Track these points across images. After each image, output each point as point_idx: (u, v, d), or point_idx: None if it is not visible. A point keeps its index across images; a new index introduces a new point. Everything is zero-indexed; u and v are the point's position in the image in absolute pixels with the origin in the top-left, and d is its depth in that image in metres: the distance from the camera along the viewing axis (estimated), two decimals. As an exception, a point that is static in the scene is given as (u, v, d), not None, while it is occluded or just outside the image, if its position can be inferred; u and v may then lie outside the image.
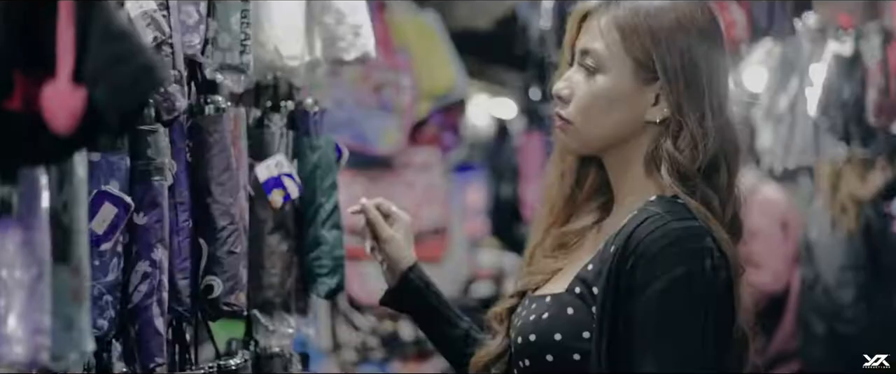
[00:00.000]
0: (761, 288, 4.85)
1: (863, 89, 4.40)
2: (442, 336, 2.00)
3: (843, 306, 4.60)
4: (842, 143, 4.56)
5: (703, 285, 1.64)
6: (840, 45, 4.45)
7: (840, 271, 4.61)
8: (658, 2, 1.73)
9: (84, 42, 1.11)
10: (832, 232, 4.66)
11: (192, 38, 1.82)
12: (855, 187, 4.60)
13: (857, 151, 4.60)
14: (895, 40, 4.32)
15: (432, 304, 1.99)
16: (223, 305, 1.87)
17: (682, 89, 1.70)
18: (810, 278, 4.73)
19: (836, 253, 4.66)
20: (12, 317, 1.19)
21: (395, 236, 2.00)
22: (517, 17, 4.28)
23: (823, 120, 4.52)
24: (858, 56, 4.43)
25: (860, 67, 4.41)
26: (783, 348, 4.97)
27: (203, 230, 1.86)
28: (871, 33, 4.38)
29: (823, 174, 4.67)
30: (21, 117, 1.10)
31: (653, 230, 1.64)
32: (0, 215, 1.19)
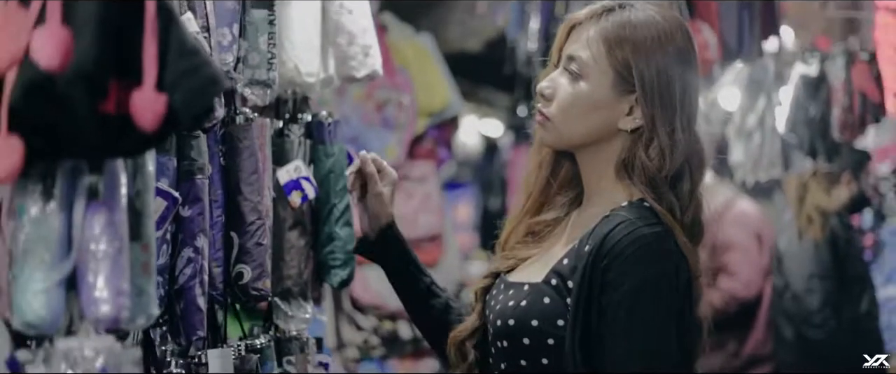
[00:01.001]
0: (735, 295, 5.09)
1: (828, 108, 4.66)
2: (412, 293, 2.12)
3: (810, 311, 4.80)
4: (808, 157, 4.83)
5: (667, 285, 1.78)
6: (806, 66, 4.73)
7: (808, 279, 4.81)
8: (642, 19, 1.85)
9: (164, 57, 1.37)
10: (800, 242, 4.89)
11: (227, 56, 2.06)
12: (820, 199, 4.83)
13: (823, 165, 4.85)
14: (858, 61, 4.58)
15: (409, 260, 2.11)
16: (252, 290, 2.10)
17: (656, 103, 1.82)
18: (780, 286, 4.92)
19: (804, 262, 4.87)
20: (100, 282, 1.45)
21: (383, 191, 2.12)
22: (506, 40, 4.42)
23: (791, 136, 4.78)
24: (824, 76, 4.69)
25: (826, 86, 4.67)
26: (756, 352, 5.16)
27: (234, 224, 2.09)
28: (835, 55, 4.65)
29: (791, 187, 4.89)
30: (114, 118, 1.36)
31: (626, 234, 1.77)
32: (90, 199, 1.46)
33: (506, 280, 1.93)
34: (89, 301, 1.45)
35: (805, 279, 4.84)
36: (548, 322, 1.81)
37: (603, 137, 1.87)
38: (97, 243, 1.46)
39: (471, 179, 5.94)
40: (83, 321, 1.48)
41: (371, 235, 2.13)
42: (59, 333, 1.48)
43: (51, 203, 1.45)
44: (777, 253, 5.02)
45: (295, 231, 2.30)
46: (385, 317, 4.44)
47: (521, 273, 1.93)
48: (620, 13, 1.86)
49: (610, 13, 1.87)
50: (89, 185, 1.45)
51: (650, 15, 1.85)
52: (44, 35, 1.27)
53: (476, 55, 5.55)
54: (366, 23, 2.41)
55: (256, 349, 2.20)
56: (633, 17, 1.85)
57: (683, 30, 1.88)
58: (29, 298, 1.44)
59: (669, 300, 1.79)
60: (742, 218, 5.23)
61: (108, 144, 1.39)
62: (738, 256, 5.10)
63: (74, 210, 1.45)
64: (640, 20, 1.84)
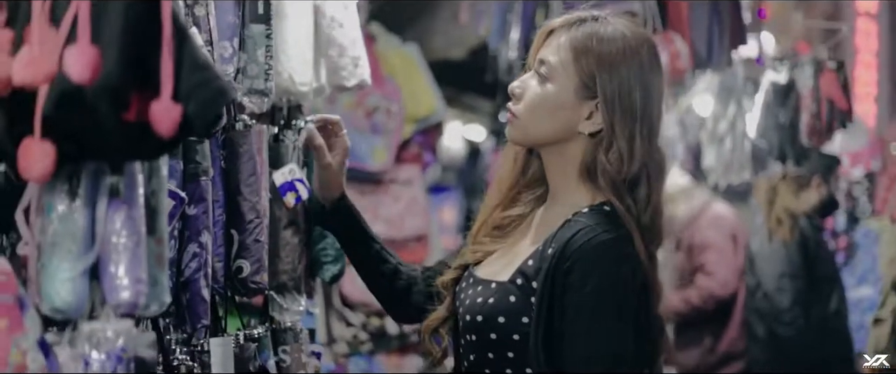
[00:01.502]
0: (712, 294, 5.27)
1: (797, 114, 4.86)
2: (364, 259, 2.28)
3: (781, 310, 5.00)
4: (778, 162, 5.02)
5: (625, 287, 1.90)
6: (776, 74, 4.92)
7: (778, 279, 5.00)
8: (610, 33, 1.95)
9: (179, 71, 1.54)
10: (770, 243, 5.08)
11: (228, 67, 2.22)
12: (789, 201, 5.02)
13: (792, 169, 5.04)
14: (826, 70, 4.79)
15: (360, 228, 2.26)
16: (250, 283, 2.26)
17: (616, 111, 1.93)
18: (752, 285, 5.11)
19: (774, 262, 5.06)
20: (121, 271, 1.62)
21: (331, 162, 2.25)
22: (488, 49, 4.56)
23: (762, 141, 4.97)
24: (793, 84, 4.88)
25: (794, 93, 4.87)
26: (731, 348, 5.34)
27: (234, 222, 2.25)
28: (804, 64, 4.85)
29: (761, 190, 5.08)
30: (135, 125, 1.54)
31: (587, 240, 1.89)
32: (111, 198, 1.63)
33: (474, 276, 2.05)
34: (111, 288, 1.62)
35: (776, 279, 5.03)
36: (513, 319, 1.94)
37: (565, 138, 1.99)
38: (118, 237, 1.63)
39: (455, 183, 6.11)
40: (104, 307, 1.65)
41: (326, 205, 2.28)
42: (83, 317, 1.65)
43: (76, 201, 1.62)
44: (749, 253, 5.21)
45: (289, 230, 2.47)
46: (373, 314, 4.61)
47: (487, 269, 2.05)
48: (591, 25, 1.98)
49: (582, 24, 1.99)
50: (111, 185, 1.62)
51: (619, 30, 1.96)
52: (75, 53, 1.44)
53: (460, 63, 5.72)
54: (355, 35, 2.58)
55: (254, 339, 2.35)
56: (601, 30, 1.96)
57: (649, 46, 1.99)
58: (57, 286, 1.61)
59: (628, 302, 1.90)
60: (718, 220, 5.41)
61: (129, 148, 1.57)
62: (714, 256, 5.27)
63: (97, 207, 1.62)
64: (607, 34, 1.95)
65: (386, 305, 2.32)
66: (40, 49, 1.45)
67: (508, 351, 1.96)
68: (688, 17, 4.02)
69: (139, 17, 1.51)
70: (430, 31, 5.56)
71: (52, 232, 1.62)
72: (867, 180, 8.05)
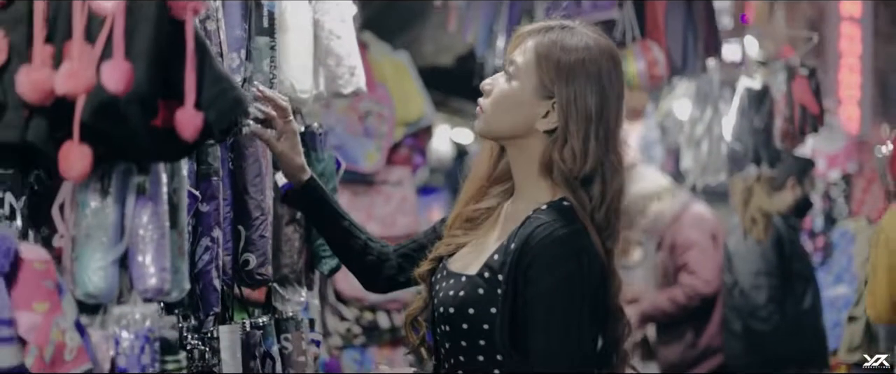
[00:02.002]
0: (697, 291, 5.47)
1: (770, 118, 5.05)
2: (334, 234, 2.41)
3: (756, 306, 5.18)
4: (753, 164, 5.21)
5: (580, 279, 2.01)
6: (751, 79, 5.12)
7: (755, 276, 5.19)
8: (573, 43, 2.06)
9: (201, 83, 1.74)
10: (746, 241, 5.27)
11: (236, 77, 2.38)
12: (763, 201, 5.20)
13: (766, 170, 5.23)
14: (798, 76, 4.98)
15: (328, 207, 2.38)
16: (256, 274, 2.46)
17: (570, 113, 2.05)
18: (729, 283, 5.30)
19: (750, 260, 5.25)
20: (148, 260, 1.82)
21: (283, 149, 2.36)
22: (475, 56, 4.69)
23: (737, 144, 5.17)
24: (767, 89, 5.08)
25: (768, 98, 5.06)
26: (711, 343, 5.52)
27: (241, 219, 2.43)
28: (777, 70, 5.05)
29: (737, 191, 5.28)
30: (161, 131, 1.73)
31: (545, 236, 2.01)
32: (139, 195, 1.83)
33: (447, 268, 2.18)
34: (139, 276, 1.82)
35: (752, 276, 5.21)
36: (482, 310, 2.08)
37: (524, 134, 2.11)
38: (145, 230, 1.83)
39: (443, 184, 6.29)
40: (132, 292, 1.85)
41: (296, 188, 2.41)
42: (113, 302, 1.85)
43: (108, 198, 1.81)
44: (726, 252, 5.40)
45: (291, 226, 2.65)
46: (366, 308, 4.81)
47: (459, 262, 2.18)
48: (558, 32, 2.10)
49: (549, 31, 2.11)
50: (138, 183, 1.82)
51: (583, 40, 2.08)
52: (111, 67, 1.64)
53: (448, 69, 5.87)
54: (351, 47, 2.77)
55: (259, 327, 2.54)
56: (565, 39, 2.08)
57: (611, 56, 2.11)
58: (90, 274, 1.81)
59: (583, 292, 2.02)
60: (699, 220, 5.61)
61: (156, 151, 1.77)
62: (697, 255, 5.46)
63: (126, 203, 1.82)
64: (569, 42, 2.07)
65: (357, 276, 2.48)
66: (79, 63, 1.64)
67: (480, 339, 2.09)
68: (664, 26, 4.20)
69: (166, 35, 1.71)
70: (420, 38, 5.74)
71: (85, 226, 1.82)
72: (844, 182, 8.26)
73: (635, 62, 4.17)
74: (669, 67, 4.26)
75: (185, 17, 1.72)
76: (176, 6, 1.72)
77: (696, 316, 5.56)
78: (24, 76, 1.66)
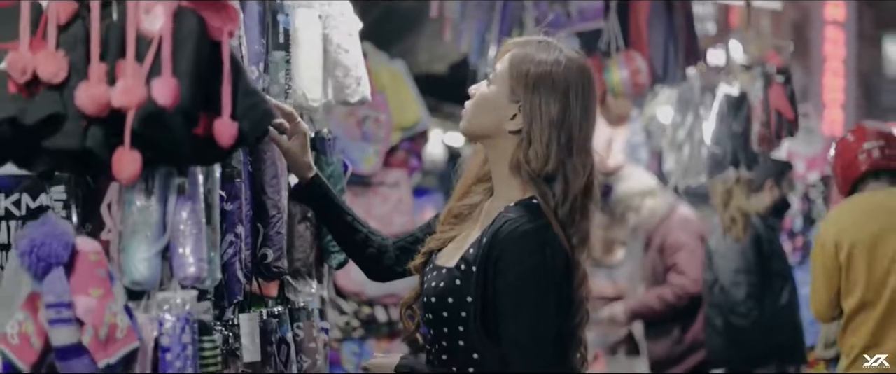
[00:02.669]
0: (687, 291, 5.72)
1: (748, 123, 5.29)
2: (338, 228, 2.60)
3: (736, 302, 5.39)
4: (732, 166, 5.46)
5: (545, 270, 2.19)
6: (730, 86, 5.38)
7: (734, 274, 5.41)
8: (545, 57, 2.25)
9: (235, 96, 1.99)
10: (725, 240, 5.51)
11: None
12: (742, 202, 5.44)
13: (744, 173, 5.46)
14: (774, 83, 5.24)
15: (333, 203, 2.58)
16: (274, 267, 2.67)
17: (534, 118, 2.23)
18: (710, 280, 5.52)
19: (730, 258, 5.46)
20: (187, 251, 2.07)
21: (291, 147, 2.53)
22: (468, 63, 4.94)
23: (716, 147, 5.41)
24: (745, 96, 5.32)
25: (746, 104, 5.31)
26: (696, 338, 5.76)
27: (260, 217, 2.64)
28: (755, 77, 5.30)
29: (717, 192, 5.52)
30: (202, 138, 1.97)
31: (511, 231, 2.19)
32: (179, 194, 2.07)
33: (434, 262, 2.37)
34: (179, 266, 2.07)
35: (732, 274, 5.43)
36: (460, 300, 2.27)
37: (495, 134, 2.30)
38: (184, 225, 2.08)
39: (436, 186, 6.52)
40: (172, 280, 2.10)
41: (302, 184, 2.59)
42: (155, 289, 2.10)
43: (152, 197, 2.06)
44: (708, 250, 5.64)
45: (303, 224, 2.88)
46: (364, 303, 5.07)
47: (444, 256, 2.36)
48: (535, 46, 2.30)
49: (528, 44, 2.31)
50: (179, 184, 2.07)
51: (555, 56, 2.27)
52: (161, 83, 1.88)
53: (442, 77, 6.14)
54: (358, 59, 2.99)
55: (275, 316, 2.77)
56: (539, 53, 2.27)
57: (580, 72, 2.28)
58: (136, 263, 2.06)
59: (548, 282, 2.20)
60: (686, 222, 5.86)
61: (197, 156, 2.01)
62: (686, 256, 5.71)
63: (168, 202, 2.07)
64: (541, 57, 2.26)
65: (360, 266, 2.68)
66: (133, 80, 1.88)
67: (459, 326, 2.27)
68: (647, 37, 4.46)
69: (206, 54, 1.96)
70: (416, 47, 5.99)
71: (131, 222, 2.07)
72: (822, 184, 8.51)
73: (619, 71, 4.43)
74: (651, 75, 4.51)
75: (221, 39, 1.97)
76: (213, 29, 1.97)
77: (682, 313, 5.80)
78: (84, 91, 1.90)
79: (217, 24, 1.97)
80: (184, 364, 2.04)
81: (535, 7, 4.62)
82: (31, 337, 1.98)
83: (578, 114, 2.26)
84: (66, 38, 1.96)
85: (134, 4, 1.91)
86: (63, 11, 1.97)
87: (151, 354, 2.04)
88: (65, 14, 1.97)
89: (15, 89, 1.94)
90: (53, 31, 1.95)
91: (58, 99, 1.93)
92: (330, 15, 2.92)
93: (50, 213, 2.02)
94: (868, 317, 3.97)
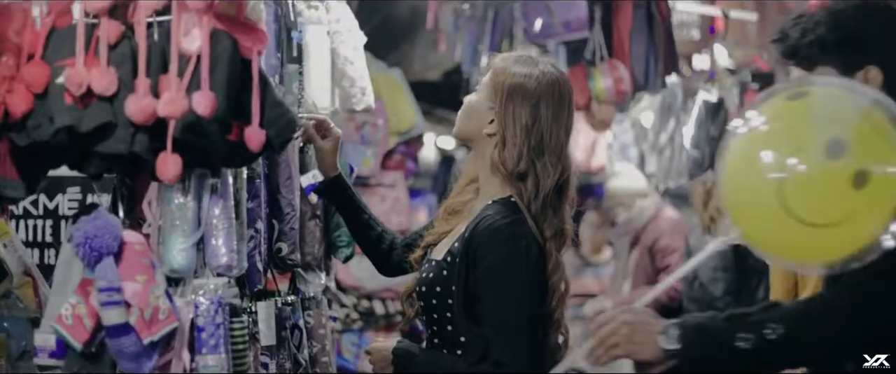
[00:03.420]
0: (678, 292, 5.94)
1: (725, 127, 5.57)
2: (356, 224, 2.86)
3: (714, 297, 5.56)
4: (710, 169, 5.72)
5: (518, 259, 2.42)
6: (708, 93, 5.66)
7: (712, 270, 5.54)
8: (523, 71, 2.49)
9: (263, 107, 2.27)
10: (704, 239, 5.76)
11: None
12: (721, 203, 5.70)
13: (722, 175, 5.74)
14: (749, 89, 5.53)
15: (353, 201, 2.84)
16: (288, 260, 2.94)
17: (506, 125, 2.48)
18: (690, 276, 5.67)
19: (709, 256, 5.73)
20: (220, 243, 2.35)
21: (324, 146, 2.81)
22: (461, 71, 5.22)
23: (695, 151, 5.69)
24: (722, 102, 5.61)
25: (723, 110, 5.59)
26: (678, 336, 6.04)
27: (275, 214, 2.90)
28: (731, 85, 5.59)
29: (697, 193, 5.80)
30: (235, 143, 2.26)
31: (486, 226, 2.43)
32: (212, 193, 2.36)
33: (428, 255, 2.62)
34: (213, 256, 2.36)
35: (710, 271, 5.57)
36: (447, 289, 2.49)
37: (477, 138, 2.56)
38: (217, 220, 2.36)
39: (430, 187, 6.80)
40: (205, 269, 2.38)
41: (327, 181, 2.87)
42: (191, 276, 2.38)
43: (188, 195, 2.34)
44: (687, 248, 5.88)
45: (313, 221, 3.14)
46: (363, 296, 5.36)
47: (437, 249, 2.60)
48: (514, 60, 2.55)
49: (510, 59, 2.56)
50: (212, 184, 2.35)
51: (530, 70, 2.51)
52: (201, 96, 2.16)
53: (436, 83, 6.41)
54: (363, 71, 3.27)
55: (288, 304, 3.02)
56: (516, 67, 2.52)
57: (552, 84, 2.51)
58: (174, 254, 2.34)
59: (521, 269, 2.43)
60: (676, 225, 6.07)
61: (230, 159, 2.30)
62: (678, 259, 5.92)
63: (202, 200, 2.35)
64: (519, 70, 2.51)
65: (373, 261, 2.92)
66: (176, 93, 2.17)
67: (447, 312, 2.49)
68: (629, 48, 4.75)
69: (238, 70, 2.24)
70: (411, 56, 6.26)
71: (170, 217, 2.35)
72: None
73: (603, 79, 4.71)
74: (633, 83, 4.78)
75: (251, 57, 2.25)
76: (244, 48, 2.25)
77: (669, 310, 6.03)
78: (133, 103, 2.18)
79: (247, 44, 2.25)
80: (217, 342, 2.33)
81: (524, 19, 4.90)
82: (84, 318, 2.26)
83: (549, 121, 2.50)
84: (115, 56, 2.24)
85: (177, 28, 2.19)
86: (112, 32, 2.24)
87: (188, 333, 2.32)
88: (114, 35, 2.24)
89: (71, 101, 2.21)
90: (105, 49, 2.22)
91: (109, 109, 2.20)
92: (338, 31, 3.20)
93: (101, 209, 2.30)
94: None
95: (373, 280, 5.29)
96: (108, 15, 2.24)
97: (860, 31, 2.23)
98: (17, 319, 2.58)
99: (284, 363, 2.94)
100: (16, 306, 2.61)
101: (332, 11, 3.20)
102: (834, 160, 1.96)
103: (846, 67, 2.22)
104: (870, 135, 1.98)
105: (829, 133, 1.99)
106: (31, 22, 2.28)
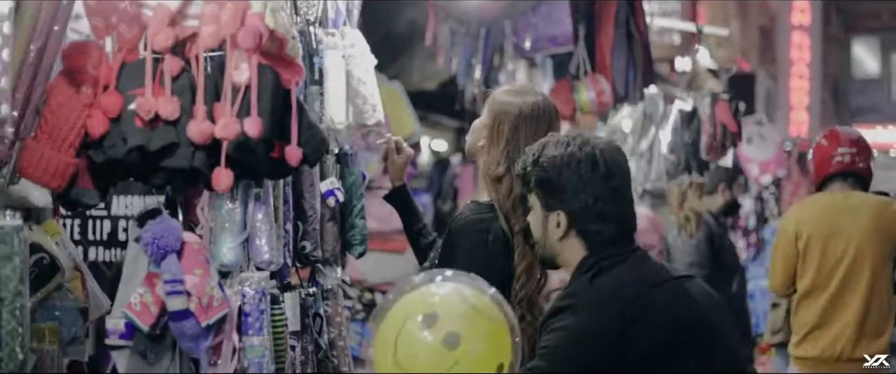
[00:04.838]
0: None
1: (698, 135, 6.04)
2: (411, 230, 3.39)
3: None
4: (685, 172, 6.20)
5: (484, 246, 2.93)
6: (683, 103, 6.12)
7: (689, 266, 6.08)
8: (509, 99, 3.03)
9: (300, 128, 2.72)
10: (681, 237, 6.26)
11: None
12: (695, 203, 6.19)
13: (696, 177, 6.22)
14: (720, 100, 6.00)
15: (411, 209, 3.39)
16: (311, 257, 3.40)
17: (491, 137, 3.03)
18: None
19: (686, 252, 6.20)
20: (263, 243, 2.80)
21: (396, 161, 3.39)
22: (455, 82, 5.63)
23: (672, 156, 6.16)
24: (695, 111, 6.08)
25: (697, 119, 6.06)
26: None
27: (299, 216, 3.36)
28: (704, 96, 6.05)
29: (673, 195, 6.28)
30: (277, 160, 2.71)
31: (462, 220, 2.99)
32: (256, 200, 2.81)
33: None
34: (257, 253, 2.81)
35: (687, 266, 6.10)
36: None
37: (476, 151, 3.14)
38: (260, 223, 2.82)
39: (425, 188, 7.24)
40: (250, 264, 2.83)
41: (394, 190, 3.42)
42: (237, 270, 2.83)
43: (236, 202, 2.79)
44: (665, 245, 6.40)
45: (331, 222, 3.58)
46: (366, 289, 5.80)
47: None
48: (506, 92, 3.13)
49: (504, 90, 3.15)
50: (256, 193, 2.80)
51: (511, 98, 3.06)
52: (251, 121, 2.61)
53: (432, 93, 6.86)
54: (374, 89, 3.70)
55: (310, 295, 3.49)
56: (505, 96, 3.09)
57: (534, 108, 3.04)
58: (224, 251, 2.79)
59: (487, 254, 2.91)
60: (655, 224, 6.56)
61: (273, 172, 2.75)
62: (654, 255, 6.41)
63: (248, 205, 2.80)
64: (504, 99, 3.07)
65: (421, 262, 3.41)
66: (230, 118, 2.62)
67: None
68: (610, 63, 5.20)
69: (280, 98, 2.69)
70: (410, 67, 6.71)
71: (220, 220, 2.80)
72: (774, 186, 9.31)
73: (587, 92, 5.17)
74: (614, 95, 5.24)
75: (291, 87, 2.70)
76: (285, 80, 2.70)
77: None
78: (193, 126, 2.62)
79: (287, 77, 2.70)
80: (260, 325, 2.78)
81: (514, 35, 5.36)
82: (150, 306, 2.70)
83: (528, 136, 2.99)
84: (176, 86, 2.67)
85: (230, 63, 2.64)
86: (174, 67, 2.68)
87: (236, 318, 2.77)
88: (175, 68, 2.68)
89: (140, 124, 2.64)
90: (169, 81, 2.66)
91: (173, 131, 2.64)
92: (351, 55, 3.63)
93: (165, 214, 2.74)
94: (819, 298, 4.49)
95: (375, 274, 5.74)
96: (171, 51, 2.68)
97: (556, 179, 2.50)
98: (67, 309, 2.92)
99: (307, 346, 3.38)
100: (67, 298, 2.94)
101: (347, 37, 3.64)
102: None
103: (545, 206, 2.54)
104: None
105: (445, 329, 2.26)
106: (104, 57, 2.71)
